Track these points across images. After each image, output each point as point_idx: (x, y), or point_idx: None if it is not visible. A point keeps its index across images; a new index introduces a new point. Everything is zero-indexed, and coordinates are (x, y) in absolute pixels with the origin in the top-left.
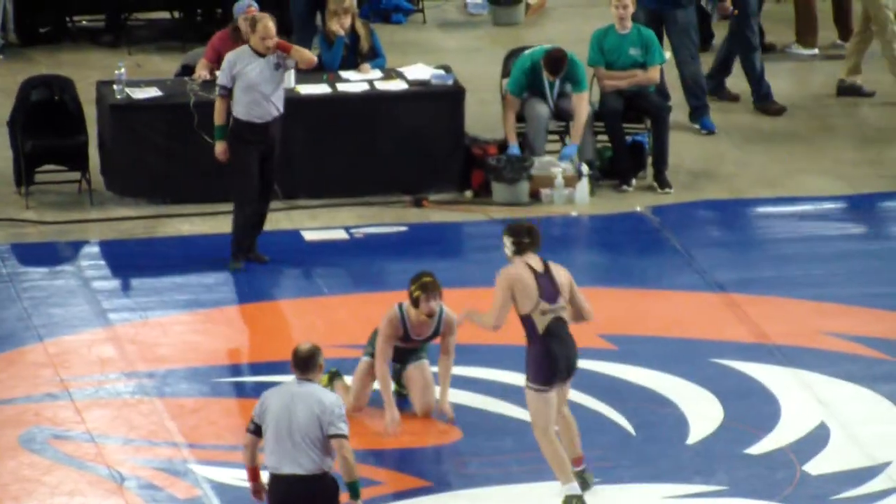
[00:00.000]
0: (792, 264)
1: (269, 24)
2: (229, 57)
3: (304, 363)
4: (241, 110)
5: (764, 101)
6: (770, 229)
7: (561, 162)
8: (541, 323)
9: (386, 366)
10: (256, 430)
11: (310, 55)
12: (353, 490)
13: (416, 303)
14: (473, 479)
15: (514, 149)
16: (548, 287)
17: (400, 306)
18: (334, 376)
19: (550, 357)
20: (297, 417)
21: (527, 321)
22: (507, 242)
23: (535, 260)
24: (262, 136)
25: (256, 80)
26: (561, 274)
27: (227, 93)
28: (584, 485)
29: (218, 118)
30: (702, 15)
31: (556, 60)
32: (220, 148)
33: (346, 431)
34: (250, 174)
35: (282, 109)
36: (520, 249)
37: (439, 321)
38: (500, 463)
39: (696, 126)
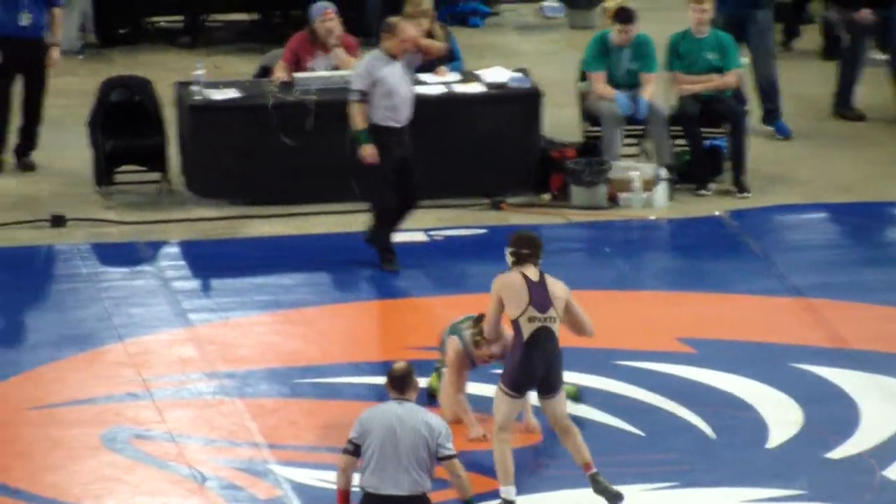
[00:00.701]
0: (869, 269)
1: (406, 26)
2: (364, 64)
3: (401, 383)
4: (379, 115)
5: (844, 108)
6: (848, 234)
7: (619, 104)
8: (526, 329)
9: (458, 395)
10: (356, 451)
11: (440, 45)
12: None
13: (476, 345)
14: (552, 482)
15: (620, 96)
16: (539, 295)
17: (461, 336)
18: None
19: (525, 365)
20: (403, 439)
21: (515, 326)
22: (507, 252)
23: (531, 270)
24: (399, 138)
25: (396, 85)
26: (557, 287)
27: (365, 98)
28: (597, 485)
29: (359, 123)
30: (788, 13)
31: (626, 10)
32: (368, 150)
33: (454, 452)
34: (389, 178)
35: (412, 113)
36: (519, 260)
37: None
38: (576, 466)
39: (770, 129)
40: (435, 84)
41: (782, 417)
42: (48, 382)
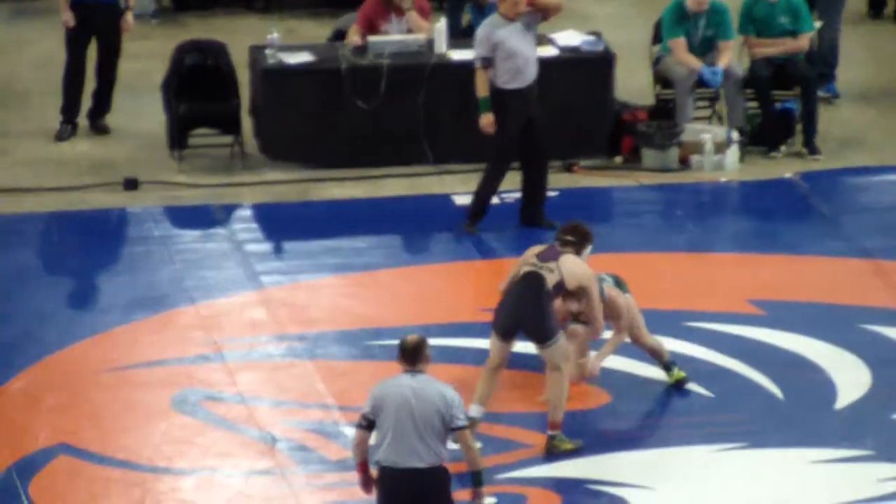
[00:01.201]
0: None
1: None
2: (483, 30)
3: (413, 354)
4: (504, 79)
5: None
6: None
7: (705, 78)
8: (519, 273)
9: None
10: (369, 426)
11: (556, 2)
12: (478, 479)
13: None
14: (622, 443)
15: (707, 70)
16: (550, 253)
17: None
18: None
19: (501, 302)
20: (420, 411)
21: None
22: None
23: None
24: (524, 100)
25: (517, 47)
26: (579, 268)
27: (489, 63)
28: (551, 449)
29: (482, 90)
30: None
31: None
32: (486, 120)
33: (467, 423)
34: (511, 141)
35: (537, 71)
36: (562, 245)
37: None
38: (648, 426)
39: (820, 91)
40: None
41: (851, 379)
42: (120, 345)
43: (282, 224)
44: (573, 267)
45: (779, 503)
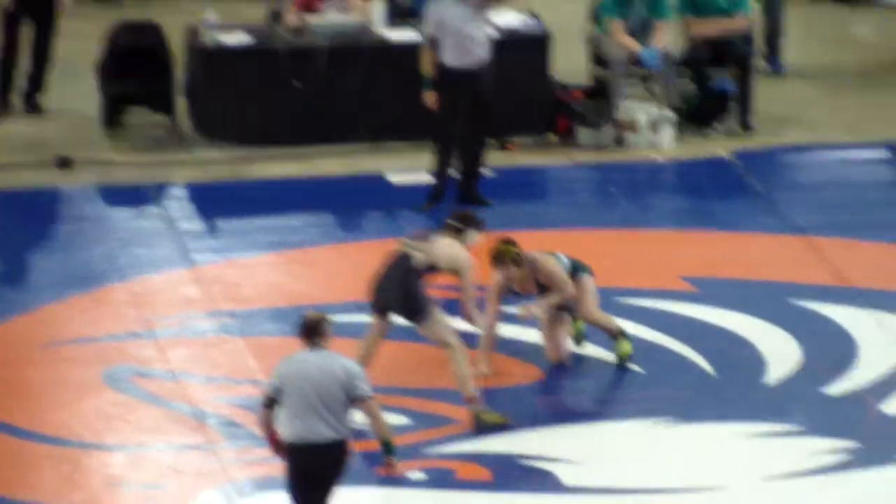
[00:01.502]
0: (873, 208)
1: None
2: (431, 8)
3: (313, 331)
4: (448, 57)
5: None
6: (852, 174)
7: (643, 60)
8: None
9: (489, 316)
10: (271, 404)
11: None
12: (388, 447)
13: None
14: (552, 418)
15: (646, 52)
16: (423, 234)
17: None
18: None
19: (371, 283)
20: (322, 385)
21: None
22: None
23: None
24: (469, 81)
25: (463, 27)
26: (455, 252)
27: (435, 42)
28: (479, 424)
29: (426, 68)
30: None
31: None
32: (430, 97)
33: (371, 392)
34: (453, 120)
35: (488, 53)
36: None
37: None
38: (579, 402)
39: (766, 66)
40: None
41: (781, 354)
42: (52, 322)
43: (215, 202)
44: (445, 247)
45: (710, 478)
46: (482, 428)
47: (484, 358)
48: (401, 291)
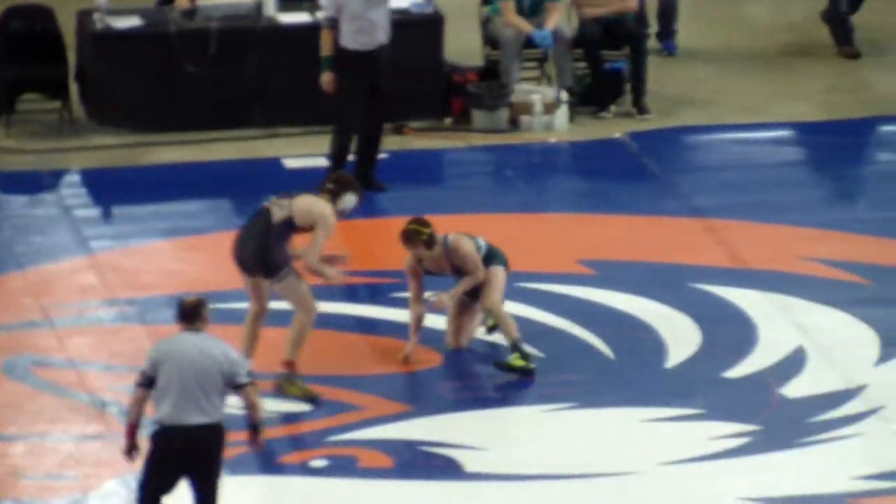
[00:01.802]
0: (771, 190)
1: None
2: None
3: (192, 314)
4: (347, 39)
5: (844, 44)
6: (749, 155)
7: (536, 41)
8: None
9: (415, 304)
10: (149, 384)
11: None
12: (258, 429)
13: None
14: (454, 404)
15: (538, 33)
16: (288, 194)
17: None
18: None
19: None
20: (201, 368)
21: None
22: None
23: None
24: (368, 63)
25: (362, 9)
26: (311, 202)
27: (334, 23)
28: (281, 390)
29: (325, 49)
30: None
31: None
32: (326, 78)
33: (249, 380)
34: (357, 103)
35: (387, 37)
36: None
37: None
38: (479, 387)
39: (659, 47)
40: None
41: (681, 337)
42: None
43: (111, 189)
44: (306, 204)
45: (611, 462)
46: (284, 394)
47: (411, 340)
48: (257, 247)
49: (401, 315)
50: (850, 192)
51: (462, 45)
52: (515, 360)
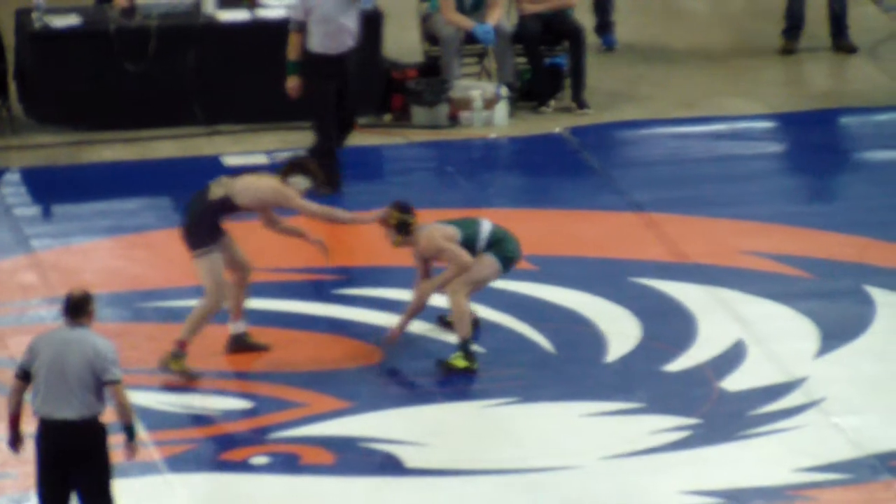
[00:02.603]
0: (710, 184)
1: None
2: None
3: (75, 308)
4: (316, 43)
5: (840, 38)
6: (688, 149)
7: (477, 36)
8: None
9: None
10: (25, 377)
11: None
12: (130, 432)
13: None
14: (394, 400)
15: (481, 28)
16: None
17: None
18: None
19: None
20: (71, 363)
21: None
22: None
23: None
24: (337, 67)
25: (332, 12)
26: (256, 180)
27: (302, 27)
28: (163, 362)
29: (292, 53)
30: None
31: None
32: (292, 83)
33: (120, 376)
34: (330, 106)
35: (355, 40)
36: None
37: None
38: (420, 383)
39: (599, 41)
40: (277, 7)
41: (621, 331)
42: None
43: (51, 187)
44: (248, 182)
45: (552, 457)
46: (163, 367)
47: (399, 322)
48: (190, 222)
49: (342, 312)
50: (789, 186)
51: (401, 42)
52: (457, 359)
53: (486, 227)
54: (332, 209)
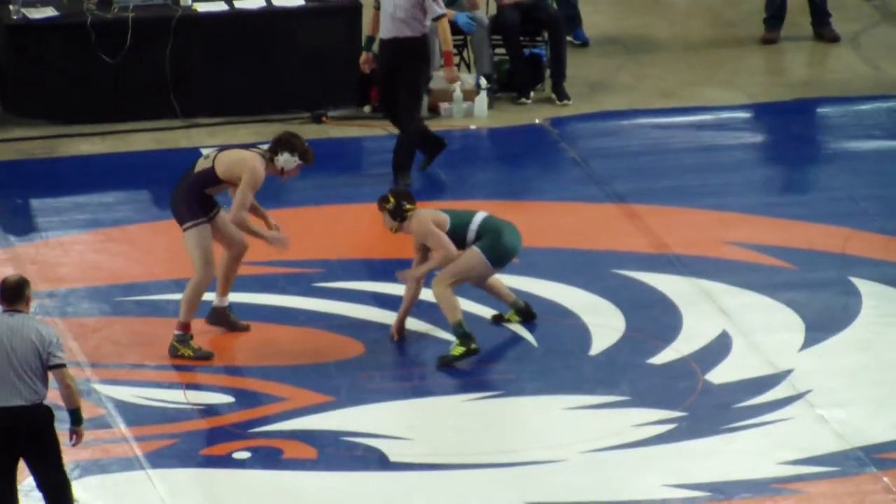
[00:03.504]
0: (691, 174)
1: None
2: None
3: (12, 294)
4: (426, 27)
5: (822, 27)
6: (669, 140)
7: (460, 25)
8: None
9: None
10: None
11: None
12: (76, 417)
13: None
14: (376, 394)
15: (461, 17)
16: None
17: None
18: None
19: None
20: (16, 349)
21: None
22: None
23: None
24: (384, 52)
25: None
26: (236, 153)
27: (377, 4)
28: (172, 350)
29: (366, 28)
30: None
31: None
32: (362, 58)
33: (65, 360)
34: (379, 86)
35: (409, 32)
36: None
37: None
38: (402, 377)
39: (569, 38)
40: None
41: (605, 324)
42: None
43: (29, 181)
44: (230, 156)
45: (536, 450)
46: (175, 354)
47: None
48: (177, 195)
49: (321, 305)
50: (771, 176)
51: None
52: (455, 349)
53: (477, 219)
54: (246, 221)
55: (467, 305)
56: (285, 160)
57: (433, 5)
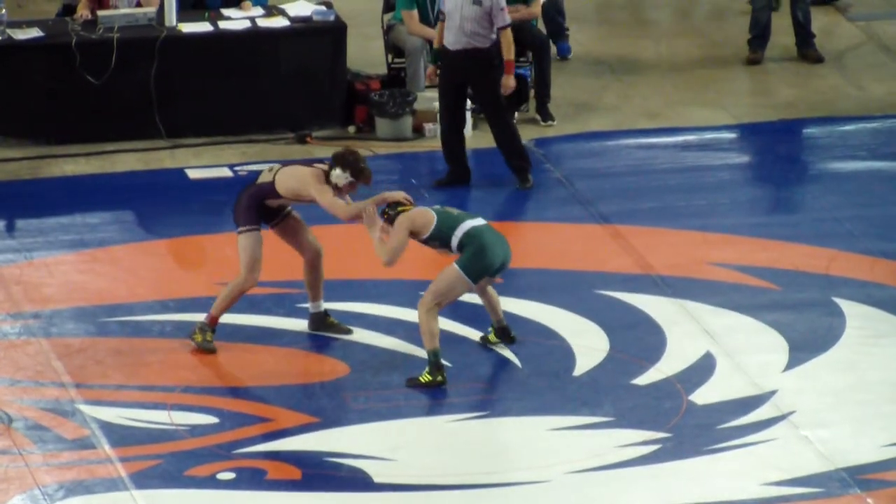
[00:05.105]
0: (675, 195)
1: None
2: None
3: None
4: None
5: (806, 47)
6: (653, 160)
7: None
8: None
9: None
10: None
11: None
12: None
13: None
14: (361, 415)
15: None
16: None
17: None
18: None
19: None
20: None
21: None
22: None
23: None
24: (451, 64)
25: (452, 8)
26: (294, 170)
27: (443, 17)
28: (192, 336)
29: (434, 41)
30: None
31: None
32: (429, 70)
33: None
34: (446, 99)
35: (478, 44)
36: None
37: None
38: (387, 398)
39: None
40: (239, 19)
41: (589, 345)
42: None
43: (13, 201)
44: (288, 173)
45: (520, 471)
46: (192, 342)
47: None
48: (238, 203)
49: (306, 326)
50: (755, 197)
51: (365, 53)
52: (423, 374)
53: (464, 227)
54: (346, 207)
55: (455, 327)
56: (337, 176)
57: (501, 14)
